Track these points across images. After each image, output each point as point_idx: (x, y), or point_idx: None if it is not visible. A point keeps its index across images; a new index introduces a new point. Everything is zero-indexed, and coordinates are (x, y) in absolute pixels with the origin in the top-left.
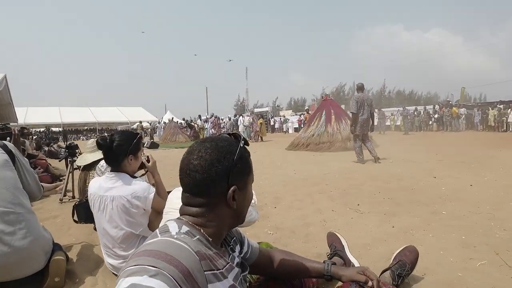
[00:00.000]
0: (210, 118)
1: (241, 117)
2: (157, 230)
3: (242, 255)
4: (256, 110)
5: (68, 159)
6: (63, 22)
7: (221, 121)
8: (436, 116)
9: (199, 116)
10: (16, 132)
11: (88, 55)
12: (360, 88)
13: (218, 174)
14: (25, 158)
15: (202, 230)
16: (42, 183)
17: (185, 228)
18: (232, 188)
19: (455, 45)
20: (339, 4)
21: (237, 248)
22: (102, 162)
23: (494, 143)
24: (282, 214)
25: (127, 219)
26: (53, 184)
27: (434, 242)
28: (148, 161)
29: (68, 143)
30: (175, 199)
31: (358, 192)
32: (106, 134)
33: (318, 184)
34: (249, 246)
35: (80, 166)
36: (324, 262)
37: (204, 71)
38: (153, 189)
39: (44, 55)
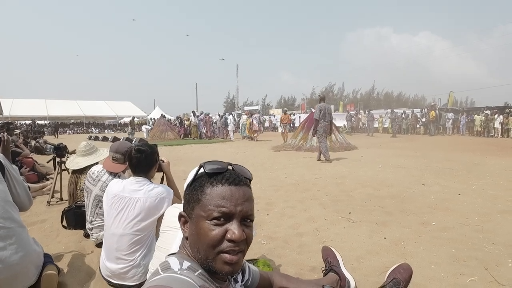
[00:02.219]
0: (200, 115)
1: (230, 115)
2: (158, 267)
3: (244, 282)
4: (246, 108)
5: (56, 160)
6: (50, 13)
7: (212, 119)
8: (423, 119)
9: (193, 112)
10: (5, 138)
11: (76, 47)
12: (323, 98)
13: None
14: (14, 166)
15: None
16: (28, 183)
17: (186, 264)
18: (180, 212)
19: (443, 49)
20: (330, 5)
21: (239, 277)
22: (94, 169)
23: (481, 148)
24: (274, 222)
25: (147, 221)
26: (40, 184)
27: (425, 255)
28: (163, 163)
29: (56, 144)
30: (171, 217)
31: (349, 199)
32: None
33: (310, 190)
34: (250, 273)
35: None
36: (323, 286)
37: (194, 67)
38: (172, 190)
39: (31, 46)
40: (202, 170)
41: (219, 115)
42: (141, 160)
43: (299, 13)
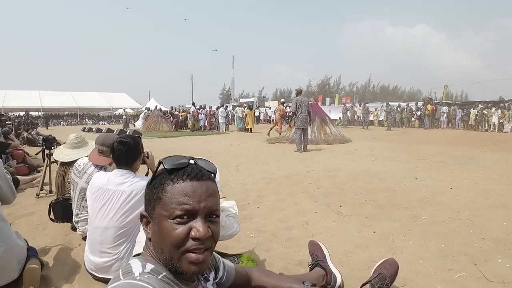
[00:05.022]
0: (203, 109)
1: (221, 108)
2: (120, 271)
3: (217, 280)
4: (242, 100)
5: (46, 152)
6: (43, 3)
7: (214, 111)
8: (418, 113)
9: (193, 103)
10: None
11: (70, 37)
12: (299, 92)
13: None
14: None
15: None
16: (18, 176)
17: (149, 266)
18: (142, 213)
19: (439, 42)
20: None
21: (211, 275)
22: (80, 161)
23: (475, 142)
24: (264, 215)
25: (132, 215)
26: (30, 176)
27: (414, 250)
28: (147, 157)
29: (45, 136)
30: None
31: (340, 192)
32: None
33: (302, 183)
34: (224, 270)
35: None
36: (303, 283)
37: (189, 58)
38: None
39: (25, 37)
40: (161, 166)
41: (217, 107)
42: (123, 152)
43: (296, 5)
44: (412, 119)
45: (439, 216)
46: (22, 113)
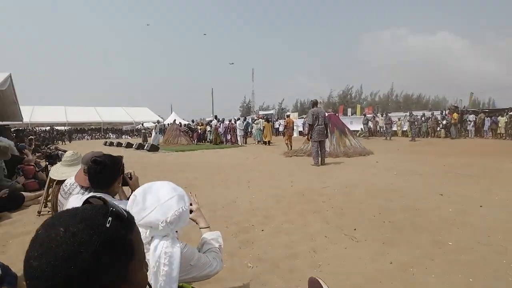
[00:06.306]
0: (222, 122)
1: (238, 120)
2: None
3: None
4: (261, 112)
5: (49, 168)
6: (68, 21)
7: (235, 125)
8: (444, 122)
9: (215, 117)
10: None
11: (94, 55)
12: (315, 103)
13: (69, 281)
14: None
15: None
16: (25, 192)
17: None
18: None
19: (462, 48)
20: (345, 6)
21: None
22: (67, 181)
23: (505, 152)
24: (268, 239)
25: None
26: (35, 193)
27: (437, 286)
28: (130, 177)
29: (49, 152)
30: None
31: (356, 213)
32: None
33: (314, 201)
34: None
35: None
36: None
37: (210, 72)
38: None
39: (50, 54)
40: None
41: (235, 120)
42: (98, 173)
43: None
44: (438, 129)
45: (466, 241)
46: (47, 128)
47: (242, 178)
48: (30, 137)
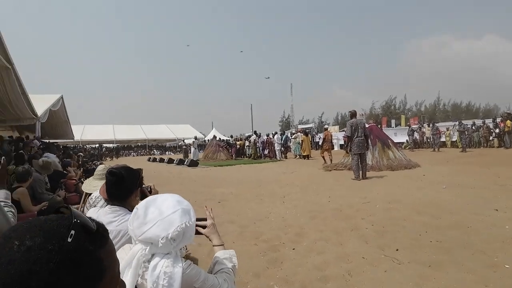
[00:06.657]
0: (258, 137)
1: (276, 135)
2: None
3: None
4: (300, 126)
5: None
6: (114, 44)
7: (273, 140)
8: (497, 130)
9: (255, 132)
10: (1, 162)
11: (140, 76)
12: (353, 114)
13: None
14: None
15: None
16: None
17: None
18: None
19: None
20: (384, 15)
21: None
22: (93, 194)
23: None
24: (298, 259)
25: None
26: (76, 206)
27: None
28: (150, 191)
29: (86, 166)
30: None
31: (399, 231)
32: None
33: (353, 218)
34: None
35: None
36: None
37: (249, 87)
38: None
39: (99, 76)
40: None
41: (273, 134)
42: (113, 185)
43: (353, 27)
44: (491, 138)
45: None
46: (96, 145)
47: (277, 193)
48: (80, 153)
